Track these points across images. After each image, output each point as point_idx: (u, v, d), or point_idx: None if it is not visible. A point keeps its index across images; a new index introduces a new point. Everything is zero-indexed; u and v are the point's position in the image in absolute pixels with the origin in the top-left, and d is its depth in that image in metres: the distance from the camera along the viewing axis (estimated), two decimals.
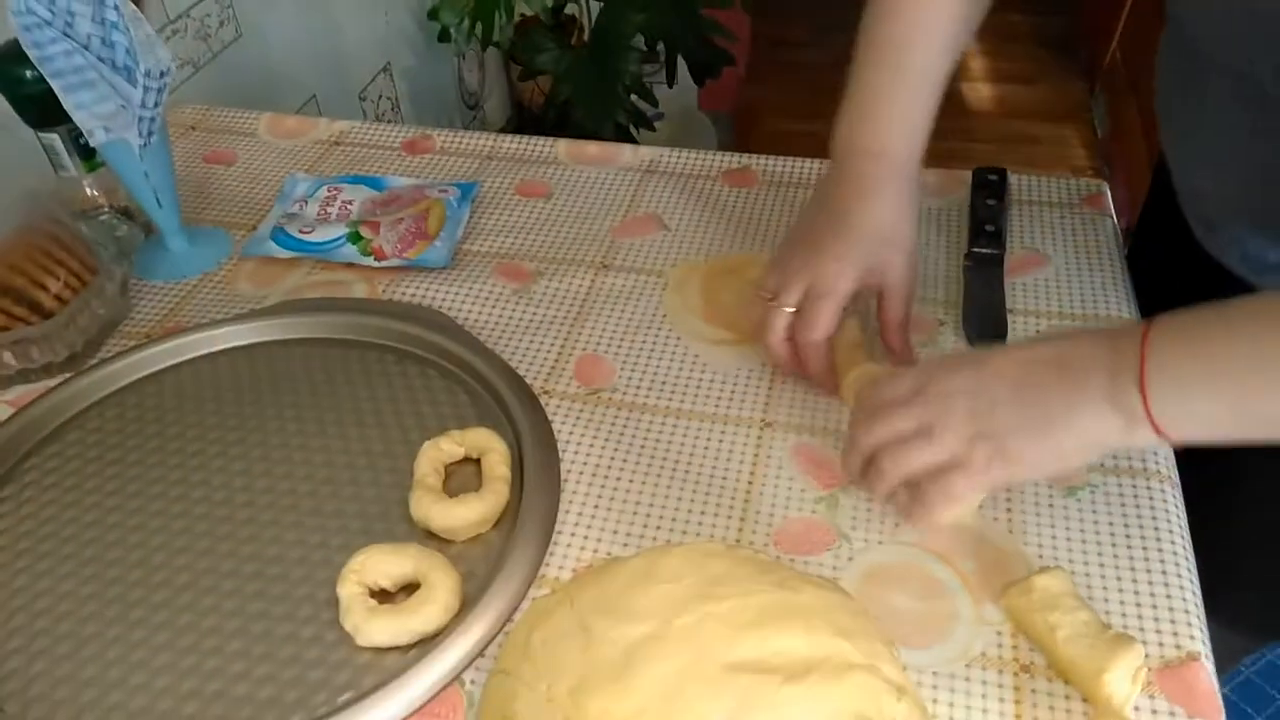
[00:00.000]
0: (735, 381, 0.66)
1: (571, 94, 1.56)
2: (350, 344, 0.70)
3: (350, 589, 0.53)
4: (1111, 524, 0.56)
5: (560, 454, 0.62)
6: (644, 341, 0.70)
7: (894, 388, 0.53)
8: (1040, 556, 0.55)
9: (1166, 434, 0.46)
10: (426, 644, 0.52)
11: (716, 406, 0.65)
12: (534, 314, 0.73)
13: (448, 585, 0.53)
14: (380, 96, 1.57)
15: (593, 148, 0.89)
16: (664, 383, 0.67)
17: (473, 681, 0.51)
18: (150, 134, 0.71)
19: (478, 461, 0.61)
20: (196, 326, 0.71)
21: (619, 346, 0.70)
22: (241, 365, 0.69)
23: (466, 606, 0.53)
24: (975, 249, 0.74)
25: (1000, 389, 0.49)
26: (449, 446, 0.60)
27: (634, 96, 1.56)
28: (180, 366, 0.70)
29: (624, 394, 0.66)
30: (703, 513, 0.58)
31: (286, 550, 0.57)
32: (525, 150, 0.90)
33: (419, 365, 0.68)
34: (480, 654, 0.51)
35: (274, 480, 0.61)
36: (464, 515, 0.56)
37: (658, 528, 0.58)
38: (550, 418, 0.64)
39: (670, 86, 1.66)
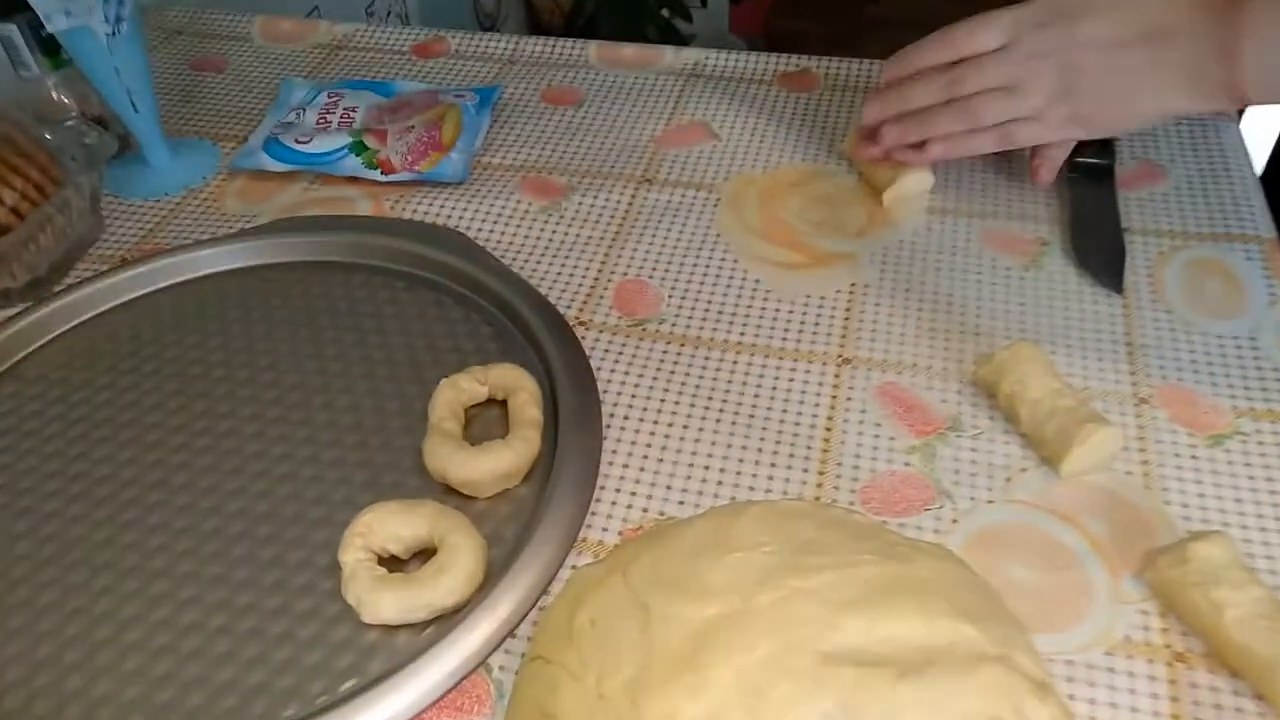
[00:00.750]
0: (805, 310, 0.57)
1: (596, 8, 1.44)
2: (353, 268, 0.61)
3: (353, 555, 0.44)
4: (1270, 479, 0.47)
5: (600, 396, 0.52)
6: (695, 265, 0.60)
7: (983, 38, 0.54)
8: (1186, 518, 0.45)
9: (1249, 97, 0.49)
10: (445, 622, 0.43)
11: (784, 340, 0.55)
12: (565, 234, 0.63)
13: (470, 550, 0.43)
14: (389, 12, 1.45)
15: (629, 50, 0.79)
16: (720, 312, 0.57)
17: (502, 668, 0.42)
18: (119, 21, 0.61)
19: (503, 404, 0.51)
20: (178, 248, 0.61)
21: (666, 270, 0.60)
22: (229, 292, 0.60)
23: (492, 576, 0.44)
24: (1080, 158, 0.63)
25: (1090, 58, 0.52)
26: (469, 385, 0.51)
27: (665, 11, 1.44)
28: (158, 294, 0.60)
29: (673, 325, 0.56)
30: (773, 465, 0.49)
31: (279, 507, 0.48)
32: (552, 53, 0.79)
33: (433, 292, 0.59)
34: (510, 634, 0.42)
35: (264, 425, 0.52)
36: (488, 466, 0.47)
37: (719, 483, 0.48)
38: (588, 353, 0.54)
39: (704, 5, 1.53)
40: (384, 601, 0.42)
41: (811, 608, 0.36)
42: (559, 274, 0.60)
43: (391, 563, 0.45)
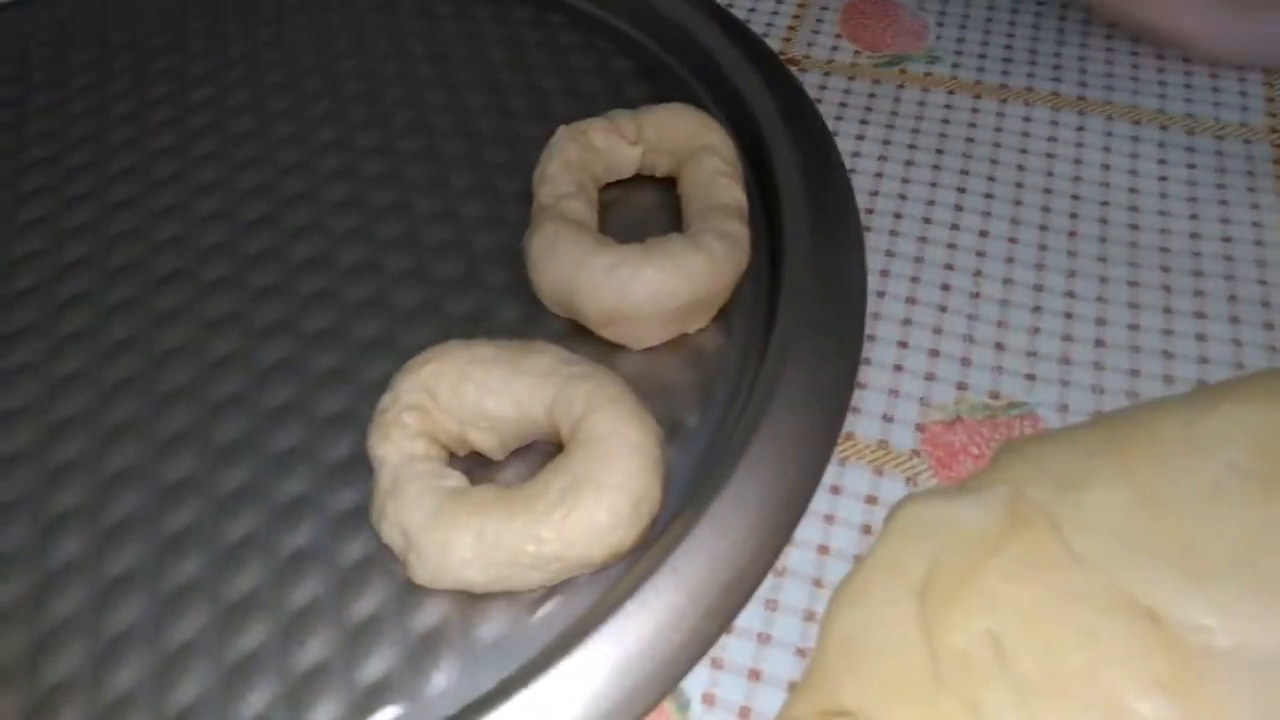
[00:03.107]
0: (1181, 56, 0.32)
1: None
2: None
3: (399, 445, 0.21)
4: None
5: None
6: None
7: None
8: None
9: None
10: (584, 591, 0.21)
11: (1162, 97, 0.31)
12: None
13: (634, 450, 0.21)
14: None
15: None
16: (1033, 51, 0.33)
17: (709, 699, 0.20)
18: None
19: (666, 183, 0.28)
20: None
21: None
22: (169, 4, 0.36)
23: (678, 506, 0.21)
24: None
25: None
26: (607, 140, 0.27)
27: None
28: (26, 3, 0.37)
29: (956, 68, 0.32)
30: (1197, 292, 0.25)
31: (254, 351, 0.26)
32: None
33: (531, 6, 0.34)
34: (724, 629, 0.20)
35: (230, 205, 0.29)
36: (657, 285, 0.24)
37: (1097, 343, 0.25)
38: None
39: None
40: (458, 544, 0.20)
41: None
42: None
43: (472, 465, 0.22)
